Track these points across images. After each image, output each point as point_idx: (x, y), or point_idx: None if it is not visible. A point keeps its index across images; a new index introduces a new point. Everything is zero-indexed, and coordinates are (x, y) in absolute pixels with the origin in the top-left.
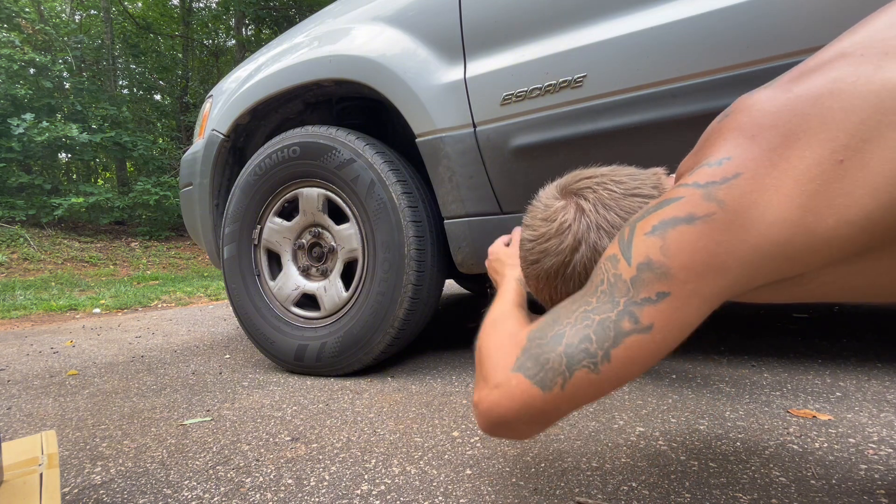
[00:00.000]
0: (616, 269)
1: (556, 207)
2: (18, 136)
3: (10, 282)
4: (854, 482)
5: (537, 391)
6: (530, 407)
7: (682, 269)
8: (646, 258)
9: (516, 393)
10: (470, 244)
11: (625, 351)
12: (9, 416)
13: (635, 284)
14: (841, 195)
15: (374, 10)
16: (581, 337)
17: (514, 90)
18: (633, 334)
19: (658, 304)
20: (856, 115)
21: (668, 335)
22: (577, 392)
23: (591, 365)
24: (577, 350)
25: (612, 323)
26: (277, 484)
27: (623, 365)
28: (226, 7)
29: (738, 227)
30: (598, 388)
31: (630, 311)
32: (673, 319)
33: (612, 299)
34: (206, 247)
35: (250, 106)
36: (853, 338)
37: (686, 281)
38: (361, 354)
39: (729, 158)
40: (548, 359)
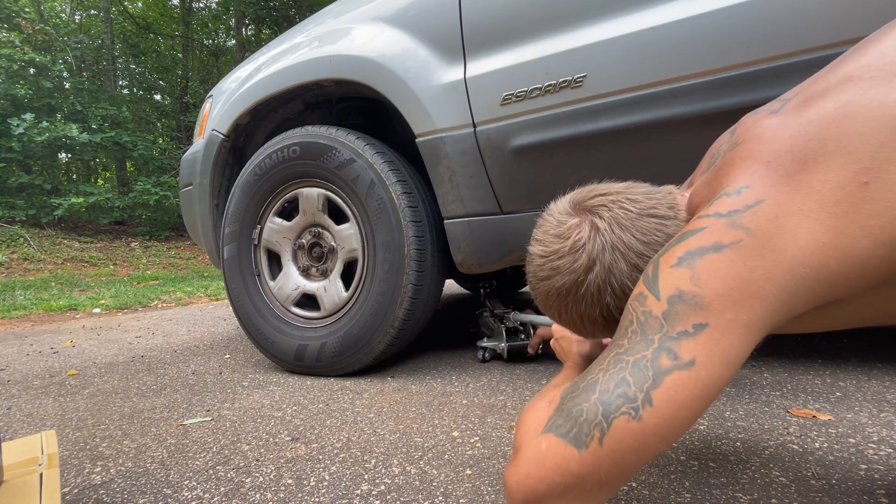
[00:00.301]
0: (645, 307)
1: (570, 224)
2: (18, 136)
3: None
4: (854, 482)
5: (571, 451)
6: (564, 472)
7: (716, 297)
8: (676, 290)
9: (547, 457)
10: (470, 244)
11: (668, 391)
12: (9, 416)
13: (668, 318)
14: (873, 217)
15: (373, 10)
16: (616, 381)
17: (514, 90)
18: (674, 371)
19: (697, 337)
20: (874, 137)
21: (714, 371)
22: (619, 447)
23: (632, 411)
24: (613, 396)
25: (648, 362)
26: (277, 484)
27: (669, 408)
28: (226, 7)
29: (770, 251)
30: (643, 442)
31: (667, 346)
32: (715, 353)
33: (646, 338)
34: (206, 247)
35: (250, 106)
36: (853, 338)
37: (723, 310)
38: (361, 354)
39: (748, 187)
40: (581, 410)
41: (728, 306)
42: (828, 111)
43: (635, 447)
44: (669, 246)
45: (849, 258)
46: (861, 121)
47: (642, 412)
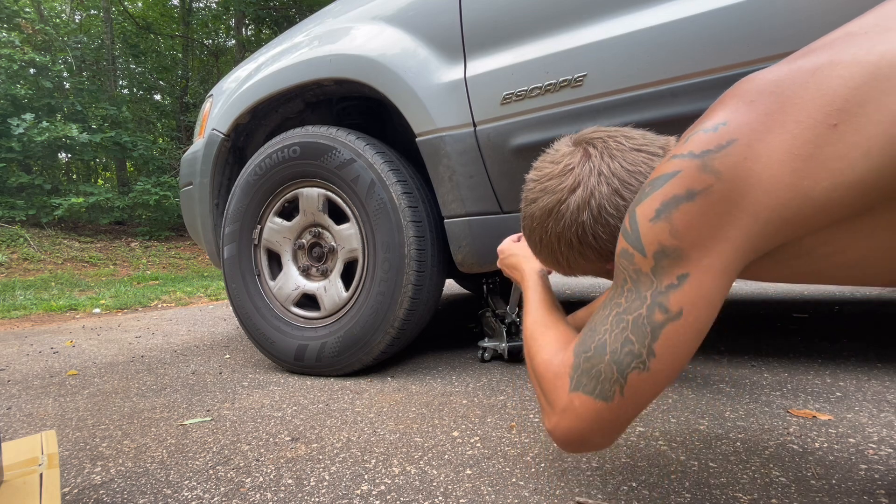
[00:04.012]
0: (634, 265)
1: (565, 152)
2: (18, 136)
3: (10, 282)
4: (854, 482)
5: (602, 405)
6: (601, 420)
7: (693, 247)
8: (659, 246)
9: (584, 412)
10: (470, 243)
11: (665, 342)
12: (9, 416)
13: (657, 274)
14: (835, 158)
15: (374, 10)
16: (622, 341)
17: (514, 89)
18: (667, 324)
19: (682, 287)
20: (853, 81)
21: (700, 315)
22: (638, 393)
23: (641, 365)
24: (622, 355)
25: (644, 319)
26: (277, 484)
27: (669, 355)
28: (226, 7)
29: (738, 196)
30: (654, 384)
31: (658, 302)
32: (698, 299)
33: (640, 295)
34: (206, 246)
35: (251, 105)
36: (853, 338)
37: (700, 258)
38: (361, 354)
39: (724, 124)
40: (599, 371)
41: (704, 253)
42: (818, 60)
43: (649, 390)
44: (645, 193)
45: (809, 200)
46: (844, 67)
47: (649, 364)
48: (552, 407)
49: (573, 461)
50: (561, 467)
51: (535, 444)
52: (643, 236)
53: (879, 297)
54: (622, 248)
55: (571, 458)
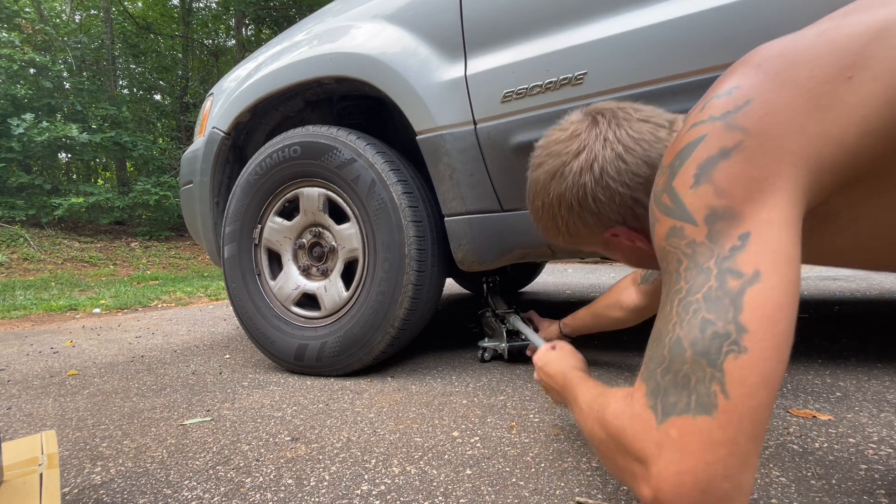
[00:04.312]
0: (686, 238)
1: (574, 120)
2: (18, 136)
3: (10, 282)
4: (854, 482)
5: (704, 421)
6: (712, 444)
7: (744, 202)
8: (708, 209)
9: (687, 442)
10: (470, 241)
11: (753, 312)
12: (9, 416)
13: (714, 239)
14: (858, 107)
15: (374, 8)
16: (699, 325)
17: (514, 87)
18: (746, 290)
19: (748, 247)
20: (861, 38)
21: (782, 272)
22: (745, 389)
23: (734, 347)
24: (706, 342)
25: (716, 290)
26: (277, 484)
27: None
28: (226, 7)
29: (771, 147)
30: (762, 370)
31: (726, 268)
32: (771, 254)
33: (701, 268)
34: (206, 245)
35: (251, 104)
36: (853, 338)
37: (755, 213)
38: (362, 354)
39: (737, 87)
40: (686, 375)
41: (758, 208)
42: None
43: (759, 380)
44: (675, 166)
45: (842, 147)
46: (850, 28)
47: (743, 342)
48: (645, 461)
49: (573, 461)
50: (561, 467)
51: (535, 444)
52: (689, 205)
53: (879, 297)
54: (668, 229)
55: (571, 458)
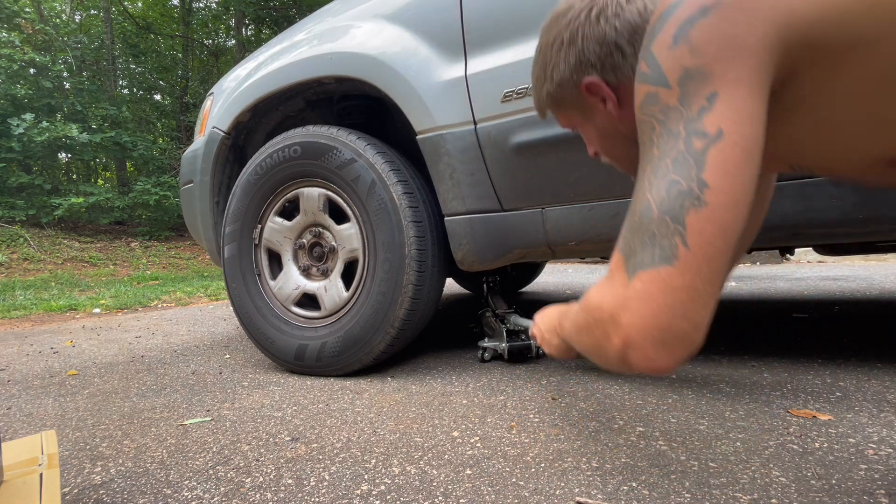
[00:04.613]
0: (660, 103)
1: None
2: (18, 136)
3: (10, 282)
4: (854, 482)
5: (667, 270)
6: (675, 291)
7: (716, 61)
8: (682, 70)
9: (650, 290)
10: (470, 241)
11: (714, 168)
12: (9, 416)
13: (685, 102)
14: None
15: (374, 8)
16: (667, 186)
17: (514, 87)
18: (710, 148)
19: (714, 108)
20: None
21: (743, 132)
22: (704, 238)
23: (695, 202)
24: (672, 200)
25: (684, 153)
26: (277, 484)
27: (724, 182)
28: (226, 7)
29: (748, 5)
30: (718, 221)
31: (693, 130)
32: (735, 114)
33: (672, 132)
34: (206, 244)
35: (251, 103)
36: (853, 338)
37: (724, 72)
38: (362, 354)
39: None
40: (653, 233)
41: (728, 67)
42: None
43: (715, 231)
44: (656, 28)
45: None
46: None
47: (704, 197)
48: (614, 318)
49: (573, 461)
50: (561, 467)
51: (535, 444)
52: (664, 66)
53: (879, 297)
54: (645, 95)
55: (571, 458)
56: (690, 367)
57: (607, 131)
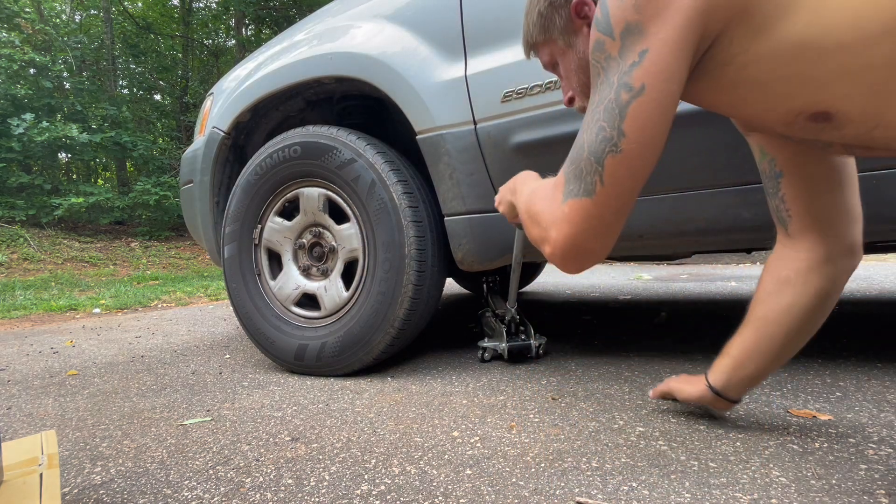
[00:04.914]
0: (604, 52)
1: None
2: (18, 136)
3: (10, 282)
4: (854, 482)
5: (587, 201)
6: (590, 218)
7: (651, 19)
8: (625, 23)
9: (573, 215)
10: (470, 241)
11: (632, 120)
12: (9, 416)
13: (623, 54)
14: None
15: (374, 8)
16: (596, 130)
17: (514, 87)
18: (632, 102)
19: (643, 64)
20: None
21: (661, 89)
22: (615, 179)
23: (613, 148)
24: (597, 144)
25: (613, 103)
26: (277, 484)
27: (637, 133)
28: (226, 7)
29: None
30: (628, 167)
31: (623, 82)
32: (658, 72)
33: (608, 81)
34: (206, 244)
35: (251, 103)
36: (853, 338)
37: (657, 31)
38: (362, 354)
39: None
40: (581, 169)
41: (660, 26)
42: None
43: (625, 174)
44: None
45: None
46: None
47: (620, 145)
48: (547, 229)
49: (573, 461)
50: (561, 467)
51: (535, 444)
52: (612, 17)
53: (879, 297)
54: (594, 41)
55: (571, 458)
56: (690, 367)
57: (587, 60)
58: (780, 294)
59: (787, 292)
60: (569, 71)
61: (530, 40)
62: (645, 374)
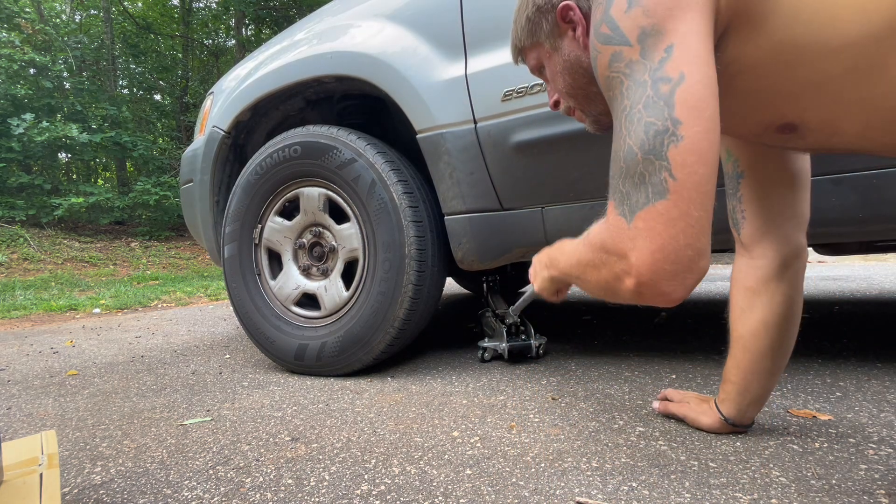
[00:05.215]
0: (624, 60)
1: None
2: (18, 136)
3: (10, 282)
4: (854, 482)
5: (663, 204)
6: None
7: (666, 20)
8: (639, 29)
9: (653, 227)
10: (470, 240)
11: (683, 105)
12: (9, 416)
13: (646, 55)
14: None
15: (374, 7)
16: (644, 129)
17: (514, 86)
18: (675, 90)
19: (672, 56)
20: None
21: (701, 71)
22: (688, 169)
23: (673, 138)
24: (651, 141)
25: (653, 97)
26: (277, 484)
27: (694, 116)
28: (226, 7)
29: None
30: (698, 151)
31: (657, 76)
32: (692, 58)
33: (639, 81)
34: (206, 243)
35: (251, 102)
36: (853, 338)
37: (676, 27)
38: (362, 354)
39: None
40: (641, 174)
41: (678, 23)
42: None
43: (696, 160)
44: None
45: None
46: None
47: (679, 132)
48: (625, 256)
49: (573, 461)
50: (561, 467)
51: (535, 444)
52: (623, 28)
53: (879, 297)
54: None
55: (571, 458)
56: (690, 367)
57: (572, 63)
58: (752, 309)
59: (758, 306)
60: (554, 73)
61: (518, 44)
62: (645, 374)
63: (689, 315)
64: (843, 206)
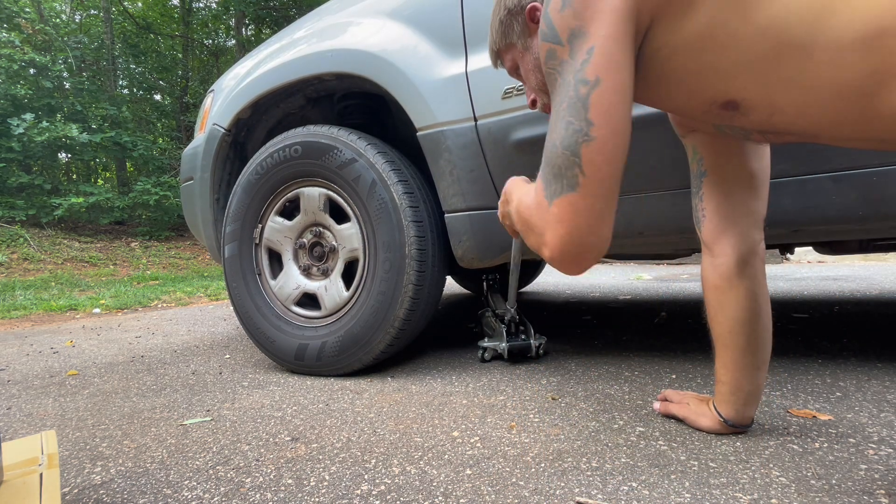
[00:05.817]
0: (557, 59)
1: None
2: (18, 136)
3: (10, 282)
4: (854, 482)
5: (573, 196)
6: (579, 212)
7: (590, 21)
8: (569, 30)
9: (563, 213)
10: (470, 238)
11: (596, 108)
12: (9, 416)
13: (573, 55)
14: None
15: (375, 5)
16: (565, 126)
17: (515, 84)
18: (591, 93)
19: (592, 59)
20: None
21: (615, 77)
22: (594, 167)
23: (585, 137)
24: (569, 138)
25: (574, 99)
26: (277, 484)
27: (604, 119)
28: (226, 7)
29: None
30: (603, 151)
31: (579, 79)
32: (608, 63)
33: (566, 82)
34: (206, 241)
35: (252, 100)
36: (853, 338)
37: (597, 30)
38: (362, 354)
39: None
40: (559, 166)
41: (598, 25)
42: None
43: (602, 160)
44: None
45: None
46: None
47: (591, 132)
48: (542, 234)
49: (573, 461)
50: (561, 467)
51: (535, 444)
52: (557, 27)
53: (879, 297)
54: (546, 52)
55: (571, 458)
56: (690, 367)
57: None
58: (722, 307)
59: (726, 303)
60: (528, 71)
61: (495, 48)
62: (645, 374)
63: (689, 315)
64: (843, 204)
